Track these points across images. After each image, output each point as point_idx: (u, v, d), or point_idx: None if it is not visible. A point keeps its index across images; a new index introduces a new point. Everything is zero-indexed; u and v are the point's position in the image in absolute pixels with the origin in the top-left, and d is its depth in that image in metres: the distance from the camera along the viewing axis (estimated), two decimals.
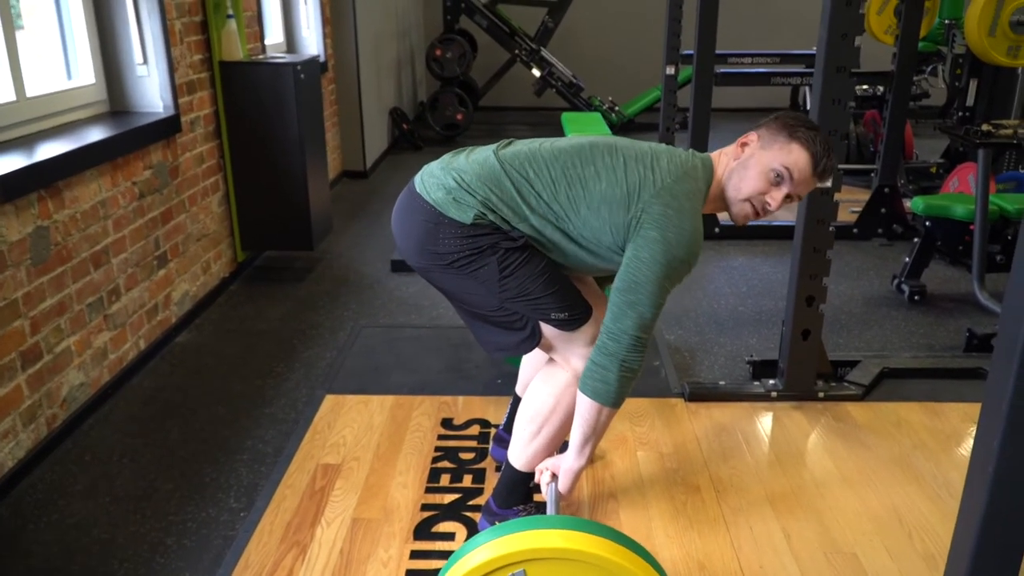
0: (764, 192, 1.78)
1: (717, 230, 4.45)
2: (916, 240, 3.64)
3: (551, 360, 1.92)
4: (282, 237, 3.86)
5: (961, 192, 4.06)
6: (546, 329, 1.82)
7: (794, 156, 1.76)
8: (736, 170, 1.79)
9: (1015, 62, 4.28)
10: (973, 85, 4.99)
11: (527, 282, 1.76)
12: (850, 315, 3.44)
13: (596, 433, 1.76)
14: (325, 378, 2.85)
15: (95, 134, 2.76)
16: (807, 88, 6.60)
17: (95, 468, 2.36)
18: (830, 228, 2.54)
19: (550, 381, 1.89)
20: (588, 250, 1.77)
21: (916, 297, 3.55)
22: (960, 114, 5.06)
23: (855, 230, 4.44)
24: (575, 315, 1.80)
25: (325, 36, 5.34)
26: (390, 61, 6.72)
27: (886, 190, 4.42)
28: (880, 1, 5.58)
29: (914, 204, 3.60)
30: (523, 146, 1.84)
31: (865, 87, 5.85)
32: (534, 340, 1.83)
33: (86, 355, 2.63)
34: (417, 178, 1.86)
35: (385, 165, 6.30)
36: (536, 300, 1.78)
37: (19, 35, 2.61)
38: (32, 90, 2.65)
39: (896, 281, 3.68)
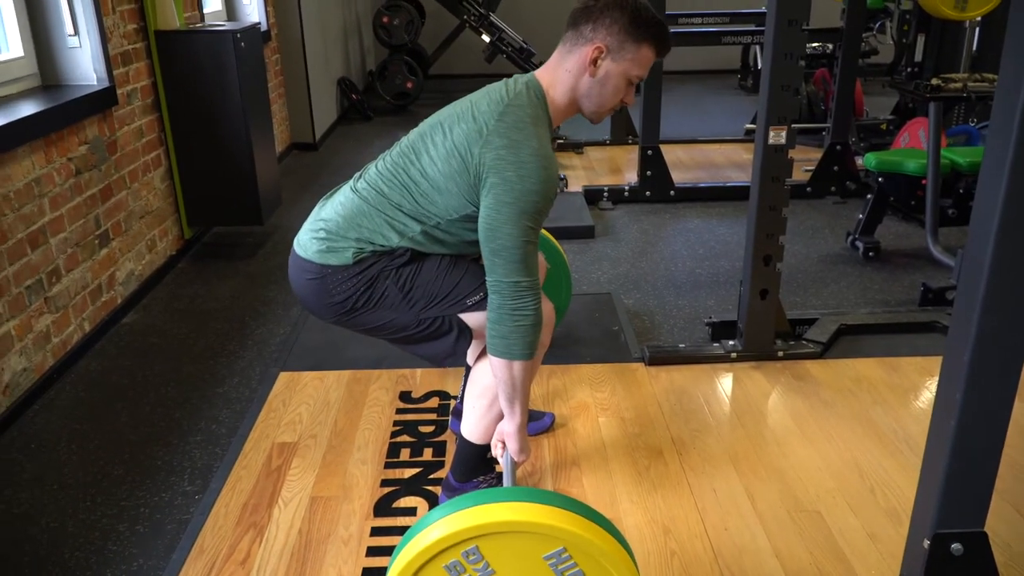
0: (622, 96, 1.76)
1: (672, 193, 4.44)
2: (869, 197, 3.66)
3: None
4: (230, 212, 3.75)
5: (912, 147, 4.09)
6: (470, 317, 1.80)
7: (646, 59, 1.72)
8: (593, 88, 1.72)
9: (963, 15, 4.30)
10: (921, 40, 5.02)
11: (431, 286, 1.76)
12: (806, 274, 3.45)
13: (517, 389, 1.73)
14: (279, 355, 2.78)
15: (26, 109, 2.63)
16: (758, 47, 6.60)
17: (42, 455, 2.27)
18: (785, 186, 2.53)
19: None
20: (465, 230, 1.75)
21: (870, 254, 3.58)
22: (909, 70, 5.10)
23: (808, 188, 4.46)
24: (486, 292, 1.77)
25: (266, 3, 5.18)
26: (336, 29, 6.56)
27: (838, 148, 4.44)
28: None
29: (866, 160, 3.61)
30: (374, 166, 1.82)
31: (815, 45, 5.87)
32: (466, 334, 1.82)
33: (27, 339, 2.52)
34: (295, 241, 1.84)
35: (335, 136, 6.16)
36: (447, 297, 1.77)
37: None
38: None
39: (850, 238, 3.70)
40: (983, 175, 1.31)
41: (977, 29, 4.83)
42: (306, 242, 1.79)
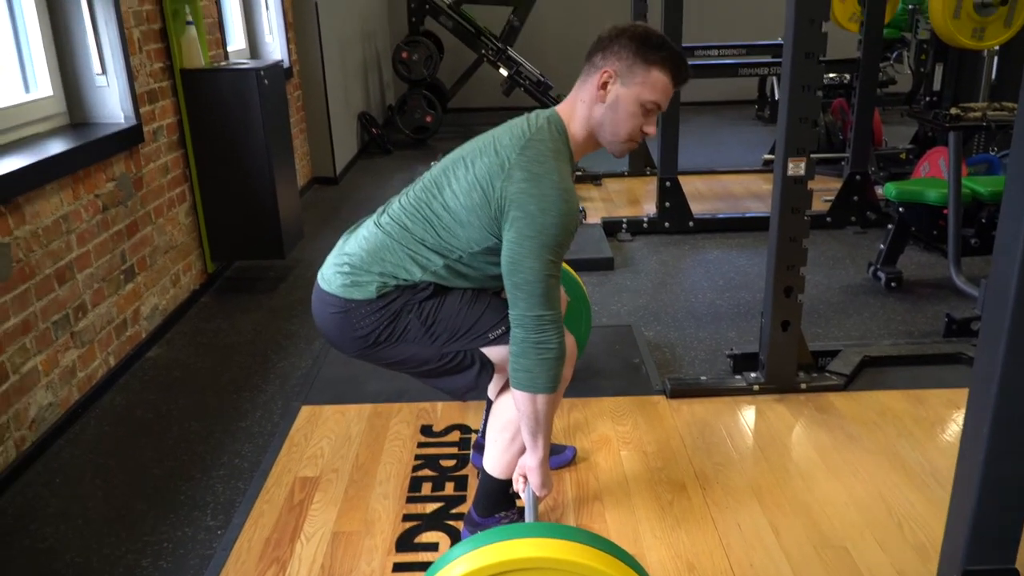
0: (640, 125, 1.75)
1: (691, 224, 4.44)
2: (890, 227, 3.65)
3: None
4: (252, 246, 3.79)
5: (932, 177, 4.07)
6: (492, 351, 1.81)
7: (659, 84, 1.71)
8: (606, 115, 1.73)
9: (980, 44, 4.31)
10: (939, 69, 5.03)
11: (453, 320, 1.76)
12: (828, 304, 3.43)
13: (540, 423, 1.73)
14: (301, 389, 2.79)
15: (55, 147, 2.68)
16: (775, 78, 6.62)
17: (66, 490, 2.29)
18: (805, 217, 2.52)
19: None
20: (487, 264, 1.76)
21: (893, 284, 3.56)
22: (927, 99, 5.10)
23: (828, 219, 4.44)
24: (508, 325, 1.78)
25: (288, 41, 5.27)
26: (356, 65, 6.66)
27: (857, 178, 4.43)
28: None
29: (886, 190, 3.60)
30: (397, 200, 1.85)
31: (832, 75, 5.88)
32: (488, 368, 1.82)
33: (54, 374, 2.55)
34: (319, 274, 1.86)
35: (356, 170, 6.23)
36: (470, 331, 1.78)
37: None
38: None
39: (872, 268, 3.68)
40: (1005, 203, 1.31)
41: (996, 58, 4.83)
42: (330, 276, 1.81)
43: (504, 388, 1.90)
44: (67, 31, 2.95)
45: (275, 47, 5.16)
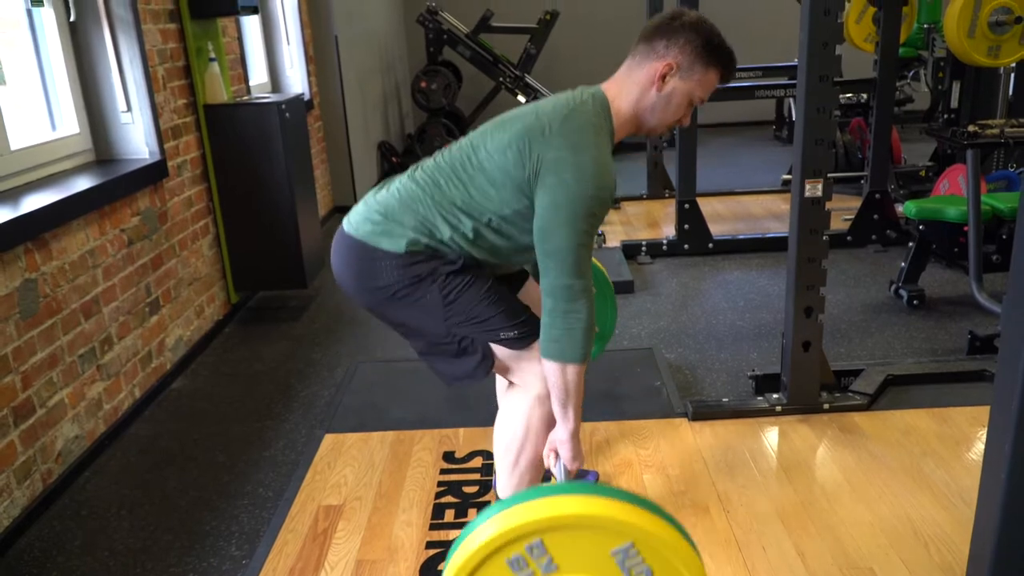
0: (682, 116, 1.79)
1: (710, 245, 4.44)
2: (911, 244, 3.63)
3: (511, 385, 1.90)
4: (275, 277, 3.84)
5: (952, 194, 4.05)
6: (499, 351, 1.80)
7: (712, 83, 1.76)
8: (658, 104, 1.75)
9: (996, 62, 4.29)
10: (956, 87, 5.01)
11: (473, 306, 1.75)
12: (850, 323, 3.41)
13: (570, 394, 1.71)
14: (324, 417, 2.81)
15: (81, 183, 2.74)
16: (791, 100, 6.62)
17: (93, 522, 2.31)
18: (824, 237, 2.52)
19: (515, 408, 1.86)
20: (519, 231, 1.74)
21: (915, 302, 3.53)
22: (945, 116, 5.08)
23: (849, 238, 4.43)
24: (525, 331, 1.78)
25: (309, 74, 5.36)
26: (376, 95, 6.75)
27: (877, 196, 4.41)
28: (858, 9, 5.61)
29: (906, 208, 3.59)
30: (432, 159, 1.84)
31: (849, 95, 5.88)
32: (488, 362, 1.81)
33: (80, 407, 2.59)
34: (345, 219, 1.85)
35: None
36: (484, 322, 1.76)
37: (2, 90, 2.60)
38: (16, 143, 2.64)
39: (894, 287, 3.66)
40: (1021, 220, 1.30)
41: (1012, 75, 4.81)
42: (358, 222, 1.79)
43: (501, 409, 1.91)
44: (92, 69, 3.03)
45: (296, 80, 5.25)
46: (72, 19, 2.94)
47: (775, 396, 2.68)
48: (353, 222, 1.81)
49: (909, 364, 2.90)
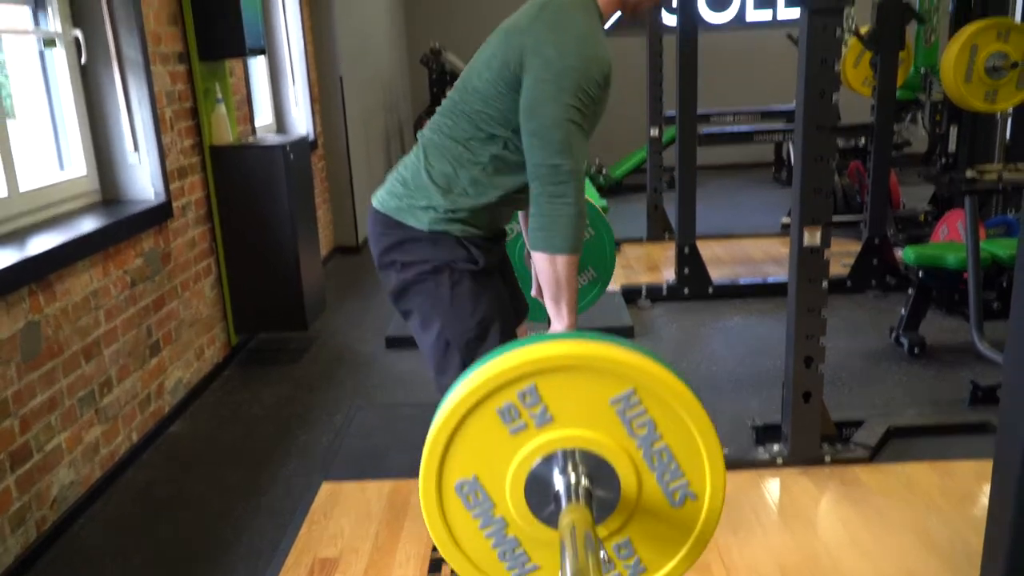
0: None
1: (710, 290, 4.44)
2: (910, 291, 3.63)
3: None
4: (276, 318, 3.84)
5: (951, 240, 4.07)
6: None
7: None
8: None
9: (993, 107, 4.33)
10: (953, 131, 5.05)
11: (471, 313, 1.74)
12: (851, 372, 3.40)
13: (562, 287, 1.65)
14: (322, 463, 2.79)
15: (87, 225, 2.76)
16: (791, 143, 6.69)
17: (86, 572, 2.29)
18: (823, 286, 2.53)
19: None
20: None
21: (916, 350, 3.52)
22: (943, 160, 5.11)
23: (848, 283, 4.43)
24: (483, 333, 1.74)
25: (314, 114, 5.41)
26: (379, 135, 6.80)
27: (876, 241, 4.43)
28: (855, 54, 5.69)
29: (905, 255, 3.60)
30: (437, 112, 1.83)
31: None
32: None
33: (77, 451, 2.58)
34: (373, 197, 1.85)
35: None
36: (477, 338, 1.74)
37: (11, 124, 2.61)
38: (25, 184, 2.66)
39: (894, 334, 3.65)
40: (1020, 266, 1.30)
41: (1009, 119, 4.85)
42: (384, 197, 1.81)
43: None
44: (102, 111, 3.06)
45: (301, 119, 5.30)
46: (84, 61, 2.98)
47: (776, 447, 2.66)
48: (379, 197, 1.82)
49: (911, 415, 2.89)
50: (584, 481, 1.08)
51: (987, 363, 3.25)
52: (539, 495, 1.09)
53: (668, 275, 4.73)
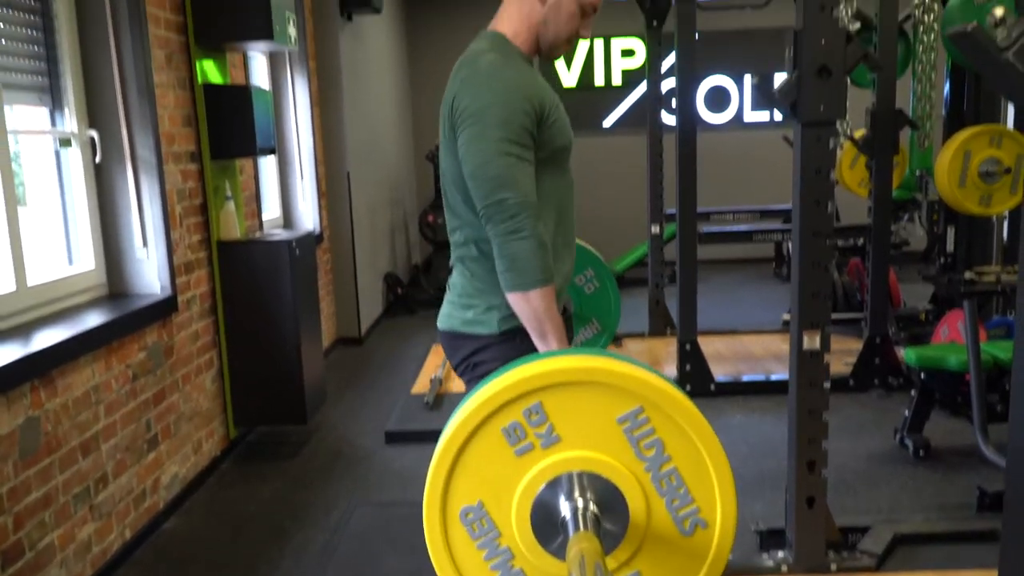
0: (578, 28, 1.77)
1: (712, 387, 4.43)
2: (913, 392, 3.62)
3: None
4: (276, 412, 3.82)
5: (953, 341, 4.08)
6: None
7: None
8: (548, 15, 1.74)
9: (988, 211, 4.40)
10: (951, 231, 5.11)
11: None
12: (855, 474, 3.36)
13: (543, 320, 1.63)
14: (316, 567, 2.73)
15: (92, 319, 2.78)
16: (791, 241, 6.77)
17: None
18: (824, 388, 2.53)
19: None
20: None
21: (921, 452, 3.49)
22: (942, 260, 5.16)
23: (851, 382, 4.42)
24: None
25: (321, 208, 5.52)
26: (384, 228, 6.91)
27: (877, 340, 4.43)
28: (851, 156, 5.81)
29: (907, 356, 3.60)
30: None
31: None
32: None
33: (69, 550, 2.53)
34: (438, 320, 1.87)
35: (380, 330, 6.34)
36: None
37: (21, 211, 2.66)
38: (33, 278, 2.70)
39: (899, 435, 3.62)
40: (1016, 370, 1.31)
41: (1006, 221, 4.92)
42: (445, 316, 1.82)
43: None
44: (113, 207, 3.13)
45: (307, 213, 5.40)
46: (98, 160, 3.07)
47: (780, 554, 2.61)
48: (442, 318, 1.83)
49: (918, 522, 2.84)
50: (592, 507, 1.05)
51: (993, 467, 3.21)
52: (545, 522, 1.06)
53: (670, 371, 4.72)
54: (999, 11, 4.74)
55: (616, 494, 1.07)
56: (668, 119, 5.62)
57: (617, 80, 8.31)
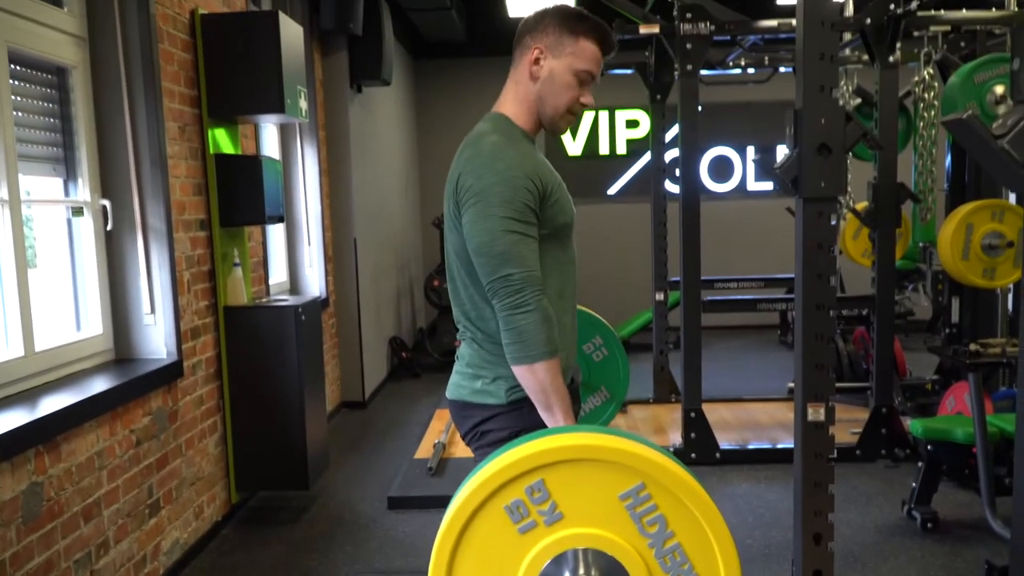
0: (578, 96, 1.79)
1: (718, 455, 4.40)
2: (920, 464, 3.59)
3: None
4: (278, 477, 3.80)
5: (959, 412, 4.06)
6: None
7: (588, 52, 1.77)
8: (543, 89, 1.78)
9: (992, 283, 4.42)
10: (956, 302, 5.12)
11: None
12: (863, 546, 3.32)
13: (548, 392, 1.65)
14: None
15: (98, 384, 2.80)
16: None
17: None
18: (830, 460, 2.51)
19: None
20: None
21: (929, 525, 3.44)
22: (947, 331, 5.16)
23: (858, 452, 4.38)
24: None
25: (327, 273, 5.57)
26: (390, 293, 6.96)
27: (883, 411, 4.41)
28: (854, 227, 5.87)
29: (913, 428, 3.58)
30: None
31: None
32: None
33: None
34: (447, 390, 1.90)
35: (384, 394, 6.33)
36: None
37: (31, 272, 2.70)
38: (41, 343, 2.73)
39: (906, 507, 3.58)
40: (1020, 443, 1.30)
41: (1010, 293, 4.94)
42: (454, 386, 1.85)
43: None
44: (122, 274, 3.17)
45: (314, 278, 5.45)
46: (109, 228, 3.12)
47: None
48: (451, 388, 1.87)
49: None
50: None
51: (1001, 540, 3.17)
52: None
53: (675, 438, 4.69)
54: (999, 89, 4.84)
55: (620, 571, 1.08)
56: (672, 187, 5.72)
57: (622, 149, 8.46)
